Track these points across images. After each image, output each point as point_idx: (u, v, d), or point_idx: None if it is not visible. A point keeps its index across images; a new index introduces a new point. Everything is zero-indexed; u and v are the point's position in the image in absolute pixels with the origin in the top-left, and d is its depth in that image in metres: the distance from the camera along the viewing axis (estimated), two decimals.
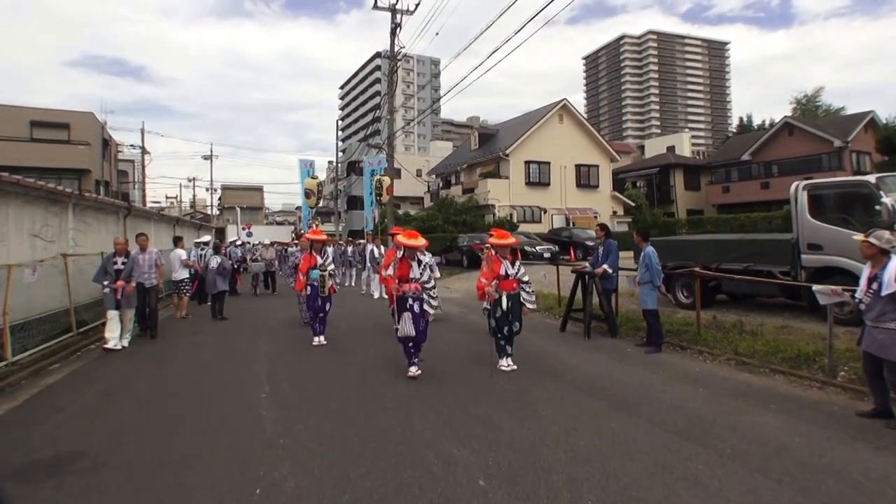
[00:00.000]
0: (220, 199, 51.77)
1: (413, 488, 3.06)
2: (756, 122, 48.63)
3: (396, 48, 19.80)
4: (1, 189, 7.03)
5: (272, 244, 17.23)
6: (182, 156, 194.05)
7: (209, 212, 48.37)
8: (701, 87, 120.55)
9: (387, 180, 20.85)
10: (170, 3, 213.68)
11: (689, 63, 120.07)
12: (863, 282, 4.23)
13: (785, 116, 31.23)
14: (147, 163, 35.50)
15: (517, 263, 5.91)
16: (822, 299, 5.14)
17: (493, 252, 5.88)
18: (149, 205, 35.44)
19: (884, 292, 3.96)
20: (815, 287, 5.31)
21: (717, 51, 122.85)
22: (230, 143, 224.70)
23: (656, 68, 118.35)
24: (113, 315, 7.25)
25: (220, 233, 36.87)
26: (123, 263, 7.40)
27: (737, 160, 31.15)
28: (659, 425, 4.07)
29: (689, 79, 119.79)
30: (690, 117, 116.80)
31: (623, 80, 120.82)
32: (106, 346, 7.18)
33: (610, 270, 7.53)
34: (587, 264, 8.23)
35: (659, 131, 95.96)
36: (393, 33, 19.54)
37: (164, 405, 4.83)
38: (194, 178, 65.22)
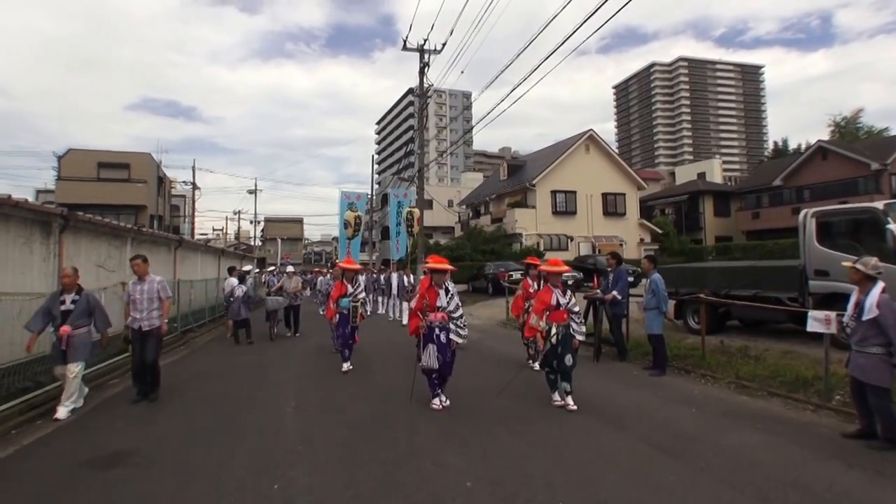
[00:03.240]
0: (262, 230, 54.62)
1: (409, 488, 3.49)
2: (793, 145, 47.53)
3: (426, 85, 21.03)
4: (76, 227, 8.16)
5: (297, 272, 14.68)
6: (229, 190, 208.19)
7: (252, 243, 51.17)
8: (734, 113, 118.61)
9: (416, 212, 21.76)
10: (217, 47, 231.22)
11: (722, 89, 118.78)
12: (850, 307, 4.42)
13: (818, 140, 30.51)
14: (197, 198, 38.15)
15: (569, 293, 5.57)
16: (814, 326, 5.29)
17: (544, 281, 5.66)
18: (197, 236, 37.85)
19: (864, 317, 4.15)
20: (811, 313, 5.46)
21: (751, 75, 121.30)
22: (273, 177, 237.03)
23: (688, 95, 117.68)
24: (62, 373, 5.51)
25: (262, 262, 38.93)
26: (74, 302, 5.58)
27: (768, 186, 30.64)
28: (644, 441, 4.36)
29: (722, 104, 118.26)
30: (723, 143, 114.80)
31: (654, 108, 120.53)
32: (56, 415, 5.34)
33: (619, 296, 7.81)
34: (598, 291, 8.56)
35: (691, 158, 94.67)
36: (421, 72, 20.75)
37: (203, 414, 5.52)
38: (239, 211, 69.19)
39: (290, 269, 13.07)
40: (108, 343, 6.00)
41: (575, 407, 5.19)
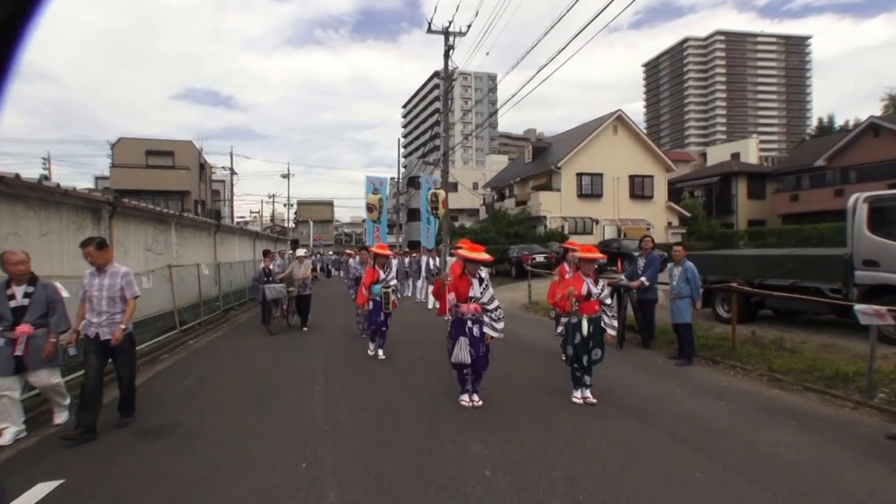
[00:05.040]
0: (295, 213, 56.20)
1: (428, 473, 3.49)
2: (839, 122, 44.40)
3: (451, 68, 20.81)
4: (124, 213, 8.51)
5: (309, 256, 13.13)
6: (264, 174, 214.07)
7: (286, 225, 53.02)
8: (775, 89, 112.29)
9: (441, 194, 21.76)
10: (251, 36, 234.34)
11: (762, 63, 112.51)
12: None
13: (870, 116, 28.05)
14: (235, 182, 39.43)
15: (601, 283, 5.25)
16: (864, 319, 5.02)
17: (576, 268, 5.38)
18: (236, 219, 39.29)
19: None
20: (857, 307, 5.19)
21: (795, 47, 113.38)
22: (305, 161, 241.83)
23: (723, 71, 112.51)
24: (6, 386, 4.19)
25: (295, 244, 40.17)
26: (27, 295, 4.30)
27: (809, 166, 29.07)
28: (669, 434, 4.20)
29: (761, 80, 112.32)
30: (760, 121, 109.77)
31: (686, 86, 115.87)
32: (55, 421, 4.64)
33: (647, 283, 7.58)
34: (622, 277, 8.36)
35: (724, 138, 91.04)
36: (446, 55, 20.51)
37: (239, 391, 5.82)
38: (273, 195, 71.74)
39: (300, 252, 11.34)
40: (53, 354, 4.35)
41: (594, 401, 5.01)
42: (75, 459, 3.89)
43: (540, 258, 19.43)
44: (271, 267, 10.25)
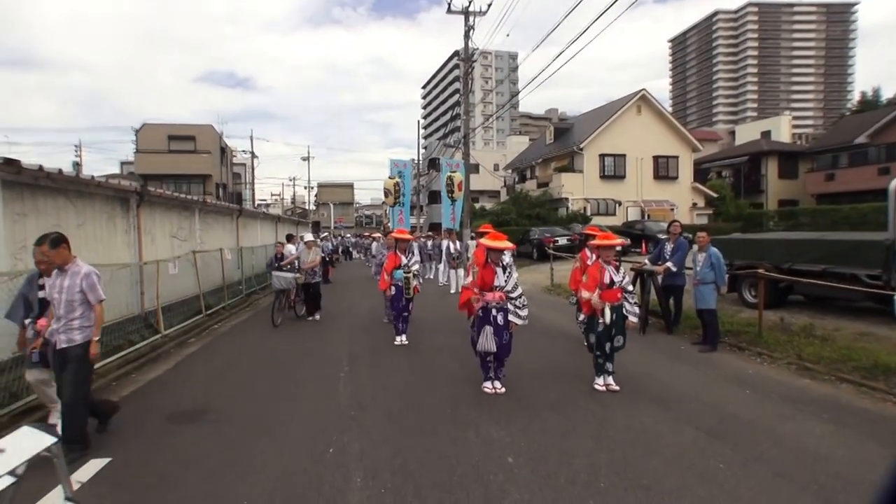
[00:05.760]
0: (316, 195, 56.92)
1: (451, 459, 3.56)
2: (887, 95, 40.92)
3: (471, 49, 20.44)
4: (150, 201, 8.72)
5: (320, 239, 13.18)
6: (284, 157, 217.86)
7: (307, 207, 53.82)
8: (812, 62, 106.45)
9: (457, 177, 21.60)
10: (270, 17, 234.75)
11: (798, 35, 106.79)
12: None
13: None
14: (256, 165, 39.93)
15: (622, 270, 5.25)
16: None
17: (596, 258, 5.37)
18: (257, 202, 39.99)
19: None
20: None
21: (838, 15, 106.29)
22: (325, 144, 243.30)
23: (755, 45, 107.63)
24: (34, 376, 4.20)
25: (316, 226, 40.87)
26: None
27: (848, 143, 27.68)
28: (691, 423, 4.15)
29: (796, 53, 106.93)
30: (794, 97, 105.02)
31: (715, 62, 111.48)
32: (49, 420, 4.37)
33: (674, 268, 7.43)
34: (647, 262, 8.23)
35: (755, 115, 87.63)
36: (466, 35, 20.12)
37: (267, 376, 5.93)
38: (294, 178, 72.81)
39: (308, 237, 10.36)
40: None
41: (617, 388, 5.01)
42: (119, 441, 4.11)
43: (562, 241, 19.23)
44: (283, 252, 9.67)
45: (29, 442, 2.38)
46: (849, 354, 5.69)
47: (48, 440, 2.42)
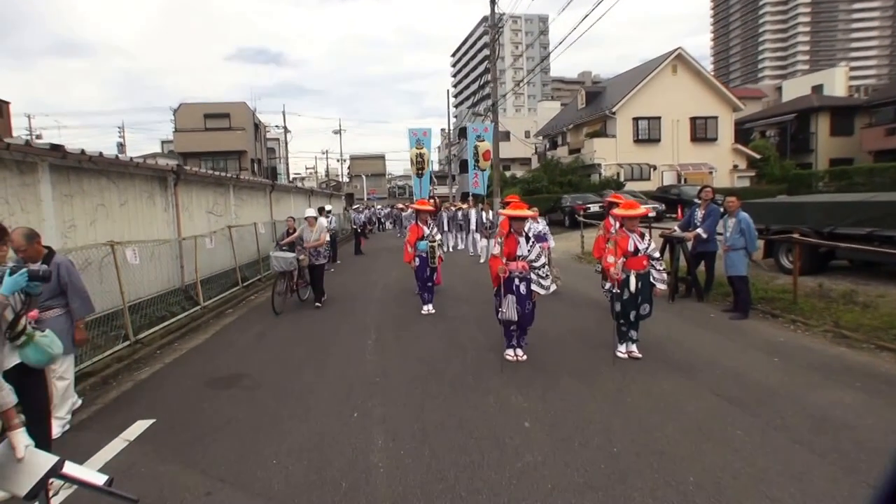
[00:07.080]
0: (348, 168, 57.62)
1: (470, 423, 3.68)
2: None
3: (497, 14, 19.80)
4: (187, 179, 9.07)
5: (323, 214, 11.69)
6: (316, 130, 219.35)
7: (340, 180, 54.65)
8: (878, 4, 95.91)
9: (483, 146, 21.30)
10: None
11: None
12: None
13: None
14: (289, 140, 40.79)
15: (647, 237, 5.21)
16: None
17: (620, 226, 5.32)
18: (292, 175, 40.89)
19: None
20: None
21: None
22: (356, 116, 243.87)
23: None
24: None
25: (350, 198, 41.59)
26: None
27: None
28: (712, 390, 4.12)
29: None
30: (854, 45, 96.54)
31: (762, 13, 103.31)
32: None
33: (704, 235, 7.24)
34: (676, 228, 7.99)
35: (806, 69, 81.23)
36: (493, 2, 19.50)
37: (297, 345, 6.21)
38: (326, 151, 73.60)
39: (309, 212, 9.42)
40: (84, 341, 4.03)
41: (640, 355, 4.98)
42: (163, 403, 4.48)
43: (594, 207, 18.82)
44: (295, 228, 8.75)
45: None
46: (892, 321, 5.43)
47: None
